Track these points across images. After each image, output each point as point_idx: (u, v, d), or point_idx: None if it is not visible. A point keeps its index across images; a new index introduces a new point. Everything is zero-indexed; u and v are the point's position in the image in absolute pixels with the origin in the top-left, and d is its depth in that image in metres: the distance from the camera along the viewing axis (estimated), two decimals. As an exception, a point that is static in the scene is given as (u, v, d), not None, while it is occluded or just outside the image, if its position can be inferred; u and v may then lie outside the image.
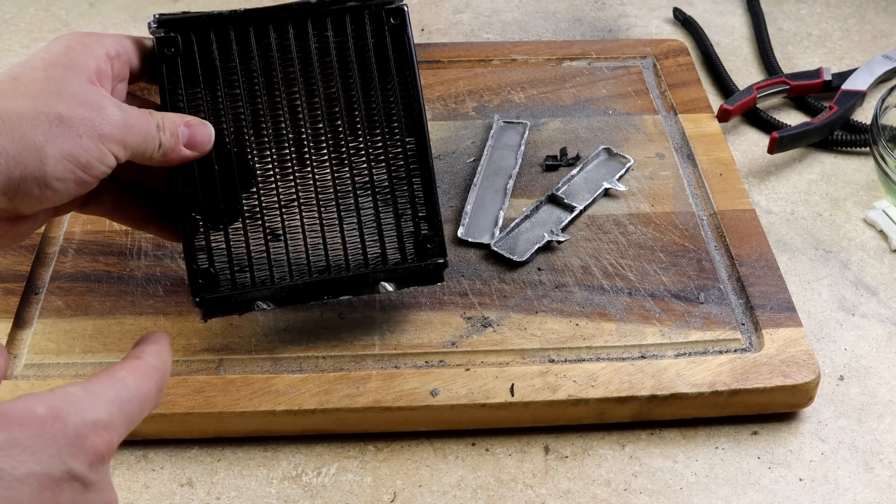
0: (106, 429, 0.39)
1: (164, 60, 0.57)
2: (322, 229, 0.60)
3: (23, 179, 0.47)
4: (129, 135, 0.51)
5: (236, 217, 0.59)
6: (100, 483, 0.38)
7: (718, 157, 0.77)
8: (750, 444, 0.61)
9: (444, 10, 1.00)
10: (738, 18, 1.00)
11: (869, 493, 0.58)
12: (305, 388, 0.59)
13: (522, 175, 0.76)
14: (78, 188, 0.49)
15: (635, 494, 0.58)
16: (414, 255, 0.60)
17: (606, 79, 0.86)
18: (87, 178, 0.49)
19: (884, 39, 0.96)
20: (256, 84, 0.59)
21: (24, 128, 0.47)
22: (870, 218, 0.76)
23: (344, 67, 0.60)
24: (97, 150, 0.49)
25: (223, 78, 0.59)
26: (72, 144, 0.48)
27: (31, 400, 0.38)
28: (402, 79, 0.60)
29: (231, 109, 0.59)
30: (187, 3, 1.00)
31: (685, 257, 0.69)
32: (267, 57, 0.59)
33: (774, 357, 0.62)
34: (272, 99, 0.59)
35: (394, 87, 0.60)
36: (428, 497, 0.57)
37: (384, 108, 0.60)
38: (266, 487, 0.58)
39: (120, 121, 0.50)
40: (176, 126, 0.54)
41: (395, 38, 0.60)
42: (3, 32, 0.96)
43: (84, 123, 0.49)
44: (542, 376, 0.60)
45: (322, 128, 0.59)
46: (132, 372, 0.42)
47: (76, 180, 0.49)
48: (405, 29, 0.60)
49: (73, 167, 0.48)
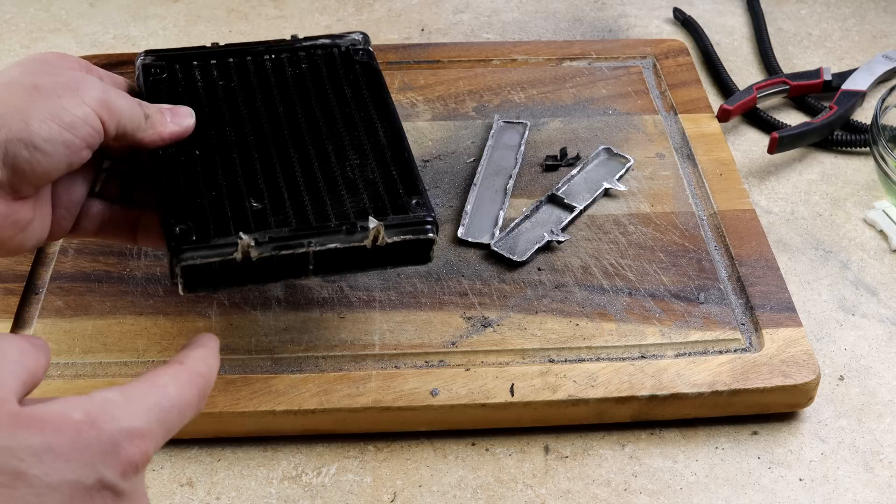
0: (142, 437, 0.37)
1: (149, 81, 0.62)
2: (304, 190, 0.59)
3: (9, 141, 0.47)
4: (112, 98, 0.52)
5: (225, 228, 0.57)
6: (133, 493, 0.37)
7: (718, 157, 0.77)
8: (750, 444, 0.61)
9: (444, 10, 1.00)
10: (738, 18, 1.00)
11: (869, 493, 0.58)
12: (305, 388, 0.59)
13: (522, 175, 0.76)
14: (67, 152, 0.49)
15: (635, 494, 0.58)
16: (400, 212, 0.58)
17: (606, 79, 0.86)
18: (75, 140, 0.49)
19: (884, 39, 0.96)
20: (237, 100, 0.62)
21: (2, 94, 0.48)
22: (870, 218, 0.76)
23: (319, 87, 0.64)
24: (80, 109, 0.50)
25: (205, 95, 0.62)
26: (53, 104, 0.49)
27: (67, 404, 0.37)
28: (373, 94, 0.64)
29: (214, 121, 0.61)
30: (187, 3, 1.00)
31: (685, 257, 0.69)
32: (246, 80, 0.63)
33: (774, 357, 0.62)
34: (252, 112, 0.62)
35: (368, 101, 0.63)
36: (428, 497, 0.57)
37: (360, 116, 0.62)
38: (266, 487, 0.58)
39: (100, 87, 0.52)
40: (157, 106, 0.57)
41: (365, 70, 0.65)
42: (3, 32, 0.96)
43: (63, 87, 0.50)
44: (542, 376, 0.60)
45: (303, 134, 0.61)
46: (174, 378, 0.41)
47: (64, 142, 0.49)
48: (373, 64, 0.66)
49: (58, 127, 0.48)
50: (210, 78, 0.63)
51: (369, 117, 0.63)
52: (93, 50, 0.93)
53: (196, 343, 0.45)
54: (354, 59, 0.66)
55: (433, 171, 0.76)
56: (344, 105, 0.63)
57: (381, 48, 0.89)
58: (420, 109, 0.82)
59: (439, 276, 0.67)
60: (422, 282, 0.67)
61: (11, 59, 0.92)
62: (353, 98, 0.63)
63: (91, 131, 0.50)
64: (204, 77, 0.63)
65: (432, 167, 0.76)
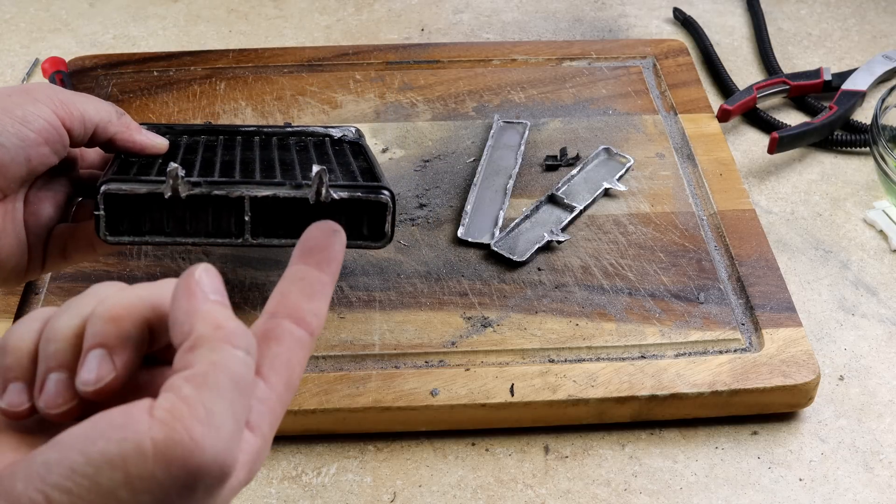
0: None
1: None
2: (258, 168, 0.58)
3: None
4: (69, 97, 0.53)
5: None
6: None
7: (718, 157, 0.77)
8: (750, 444, 0.61)
9: (444, 10, 1.00)
10: (738, 18, 1.00)
11: (869, 493, 0.58)
12: (305, 388, 0.59)
13: (522, 175, 0.76)
14: (23, 145, 0.50)
15: (635, 494, 0.58)
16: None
17: (606, 79, 0.86)
18: (29, 133, 0.50)
19: (884, 39, 0.96)
20: (216, 149, 0.62)
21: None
22: (870, 218, 0.76)
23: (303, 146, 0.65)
24: (33, 105, 0.51)
25: (186, 144, 0.62)
26: (5, 102, 0.50)
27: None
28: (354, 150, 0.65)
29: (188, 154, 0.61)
30: (187, 3, 1.00)
31: (685, 257, 0.69)
32: (231, 142, 0.64)
33: (774, 357, 0.62)
34: (227, 154, 0.62)
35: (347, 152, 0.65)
36: (428, 497, 0.57)
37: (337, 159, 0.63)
38: (266, 487, 0.58)
39: (55, 88, 0.53)
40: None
41: (352, 144, 0.66)
42: (3, 32, 0.96)
43: (15, 92, 0.51)
44: (542, 376, 0.60)
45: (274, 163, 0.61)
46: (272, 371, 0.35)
47: (17, 133, 0.50)
48: (360, 142, 0.67)
49: (10, 119, 0.49)
50: (196, 139, 0.64)
51: (346, 158, 0.63)
52: (93, 50, 0.93)
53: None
54: (344, 141, 0.66)
55: (433, 171, 0.76)
56: (322, 153, 0.63)
57: (381, 48, 0.89)
58: (420, 109, 0.82)
59: (439, 276, 0.67)
60: (422, 282, 0.67)
61: (11, 59, 0.92)
62: (335, 153, 0.63)
63: (46, 125, 0.51)
64: (191, 139, 0.63)
65: (432, 167, 0.76)
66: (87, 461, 0.30)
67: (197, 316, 0.33)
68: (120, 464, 0.30)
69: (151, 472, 0.30)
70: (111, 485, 0.30)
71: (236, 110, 0.81)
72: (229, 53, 0.88)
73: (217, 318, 0.33)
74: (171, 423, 0.30)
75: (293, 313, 0.35)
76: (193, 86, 0.84)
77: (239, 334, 0.33)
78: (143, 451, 0.30)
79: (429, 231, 0.71)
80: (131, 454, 0.30)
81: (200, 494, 0.31)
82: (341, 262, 0.36)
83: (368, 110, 0.82)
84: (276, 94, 0.83)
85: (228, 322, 0.33)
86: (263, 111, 0.81)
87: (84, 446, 0.30)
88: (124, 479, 0.30)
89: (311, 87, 0.84)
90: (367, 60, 0.87)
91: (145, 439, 0.30)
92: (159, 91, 0.83)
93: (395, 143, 0.79)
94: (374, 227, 0.57)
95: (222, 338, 0.32)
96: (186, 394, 0.31)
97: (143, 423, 0.30)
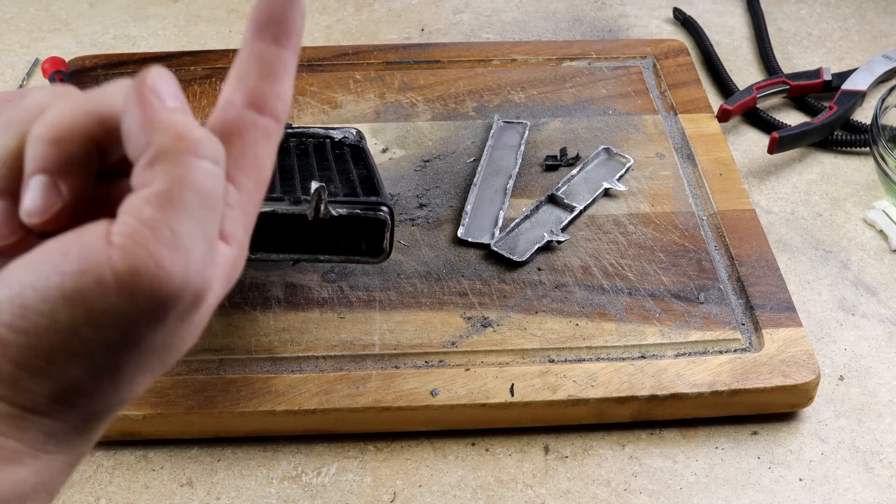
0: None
1: None
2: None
3: None
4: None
5: None
6: None
7: (718, 157, 0.77)
8: (750, 444, 0.61)
9: (444, 10, 1.00)
10: (738, 18, 1.00)
11: (869, 493, 0.58)
12: (305, 388, 0.59)
13: (522, 175, 0.76)
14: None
15: (635, 494, 0.58)
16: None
17: (606, 79, 0.86)
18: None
19: (884, 39, 0.96)
20: None
21: None
22: (870, 218, 0.76)
23: (302, 149, 0.64)
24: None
25: None
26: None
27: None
28: (354, 155, 0.66)
29: None
30: (187, 3, 1.00)
31: (685, 257, 0.69)
32: None
33: (774, 357, 0.62)
34: None
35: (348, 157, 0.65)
36: (428, 497, 0.57)
37: (337, 164, 0.63)
38: (266, 487, 0.58)
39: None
40: None
41: (353, 148, 0.66)
42: (3, 32, 0.96)
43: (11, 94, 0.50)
44: (542, 376, 0.60)
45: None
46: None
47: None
48: (361, 145, 0.67)
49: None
50: None
51: (346, 165, 0.62)
52: (93, 50, 0.93)
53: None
54: (345, 143, 0.66)
55: (433, 171, 0.76)
56: (322, 158, 0.63)
57: (381, 48, 0.89)
58: (420, 109, 0.82)
59: (439, 276, 0.67)
60: (422, 282, 0.67)
61: (11, 60, 0.92)
62: (335, 158, 0.63)
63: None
64: None
65: (432, 167, 0.76)
66: (41, 298, 0.27)
67: (154, 126, 0.28)
68: (79, 299, 0.27)
69: (115, 305, 0.27)
70: (71, 322, 0.27)
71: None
72: (229, 53, 0.88)
73: (177, 126, 0.28)
74: (132, 249, 0.27)
75: (255, 99, 0.31)
76: (193, 86, 0.84)
77: (204, 142, 0.29)
78: (104, 283, 0.27)
79: (429, 231, 0.71)
80: (91, 287, 0.27)
81: (172, 322, 0.28)
82: (302, 34, 0.32)
83: (368, 110, 0.82)
84: (276, 94, 0.83)
85: (191, 130, 0.29)
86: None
87: (36, 281, 0.27)
88: (85, 315, 0.27)
89: (311, 87, 0.84)
90: (367, 60, 0.87)
91: (105, 270, 0.27)
92: (159, 91, 0.83)
93: (395, 143, 0.79)
94: (373, 242, 0.57)
95: (185, 149, 0.28)
96: (148, 215, 0.27)
97: (101, 252, 0.27)
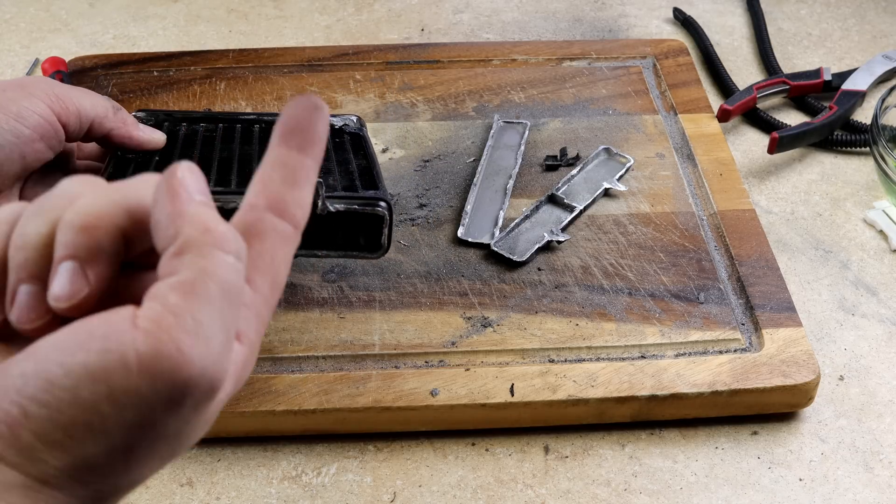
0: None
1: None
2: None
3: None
4: (65, 90, 0.52)
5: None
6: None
7: (718, 157, 0.77)
8: (750, 444, 0.61)
9: (444, 10, 1.00)
10: (738, 18, 1.00)
11: (869, 493, 0.58)
12: (305, 388, 0.59)
13: (522, 175, 0.76)
14: (18, 142, 0.49)
15: (635, 494, 0.58)
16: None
17: (606, 79, 0.86)
18: (24, 130, 0.49)
19: (884, 39, 0.96)
20: (213, 142, 0.63)
21: None
22: (870, 218, 0.76)
23: None
24: (28, 100, 0.49)
25: (185, 137, 0.63)
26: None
27: None
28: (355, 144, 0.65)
29: (186, 148, 0.62)
30: (187, 3, 1.00)
31: (685, 257, 0.69)
32: (230, 133, 0.64)
33: (774, 357, 0.62)
34: (225, 147, 0.62)
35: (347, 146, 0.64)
36: (428, 497, 0.57)
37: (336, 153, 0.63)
38: (266, 487, 0.58)
39: (51, 82, 0.52)
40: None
41: (353, 137, 0.66)
42: (3, 32, 0.96)
43: (10, 86, 0.50)
44: (542, 376, 0.60)
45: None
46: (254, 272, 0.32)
47: (12, 130, 0.49)
48: (362, 133, 0.67)
49: (4, 116, 0.48)
50: (195, 129, 0.64)
51: (345, 154, 0.62)
52: (93, 50, 0.93)
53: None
54: (345, 131, 0.66)
55: (433, 171, 0.76)
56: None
57: (381, 48, 0.89)
58: (420, 109, 0.82)
59: (439, 276, 0.67)
60: (422, 282, 0.67)
61: (11, 59, 0.92)
62: (335, 147, 0.63)
63: (41, 121, 0.50)
64: (189, 128, 0.64)
65: (432, 167, 0.76)
66: (65, 373, 0.28)
67: (183, 218, 0.30)
68: (102, 377, 0.28)
69: (136, 386, 0.28)
70: (92, 399, 0.28)
71: (236, 110, 0.81)
72: (229, 53, 0.88)
73: (205, 220, 0.30)
74: (157, 334, 0.28)
75: (276, 204, 0.32)
76: (193, 86, 0.84)
77: (229, 238, 0.30)
78: (127, 364, 0.28)
79: (429, 231, 0.71)
80: (114, 367, 0.28)
81: (187, 410, 0.29)
82: (325, 143, 0.33)
83: (368, 110, 0.82)
84: (276, 94, 0.83)
85: (217, 225, 0.30)
86: (263, 111, 0.81)
87: (62, 358, 0.28)
88: (107, 392, 0.28)
89: (311, 87, 0.84)
90: (367, 60, 0.87)
91: (129, 351, 0.28)
92: (159, 91, 0.83)
93: (395, 143, 0.79)
94: (371, 237, 0.57)
95: (211, 242, 0.29)
96: (173, 302, 0.28)
97: (127, 334, 0.28)
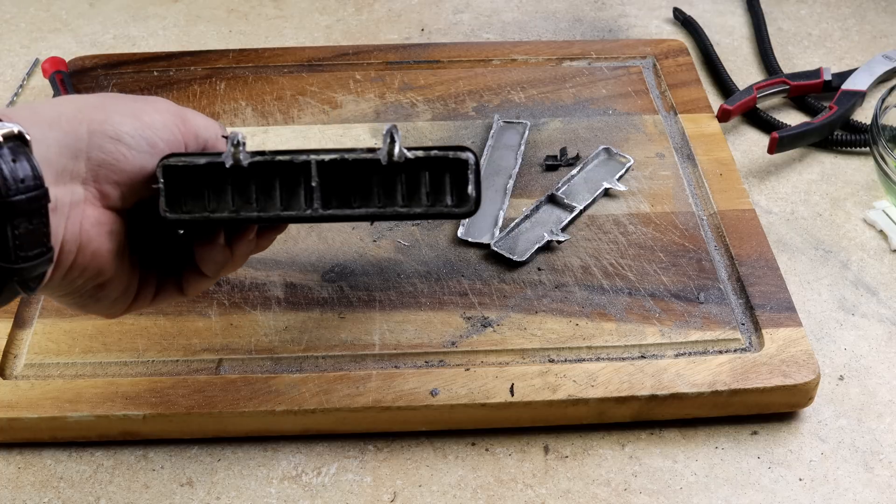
0: None
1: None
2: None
3: (92, 133, 0.46)
4: (183, 109, 0.51)
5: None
6: None
7: (718, 157, 0.77)
8: (750, 444, 0.61)
9: (444, 10, 1.00)
10: (738, 18, 1.00)
11: (869, 493, 0.58)
12: (305, 388, 0.59)
13: (522, 175, 0.76)
14: (150, 150, 0.48)
15: (635, 494, 0.58)
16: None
17: (606, 79, 0.86)
18: (157, 140, 0.48)
19: (884, 39, 0.96)
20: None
21: (75, 101, 0.48)
22: (870, 218, 0.76)
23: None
24: (157, 114, 0.49)
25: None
26: (130, 106, 0.48)
27: None
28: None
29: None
30: (187, 3, 1.00)
31: (685, 257, 0.69)
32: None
33: (774, 357, 0.62)
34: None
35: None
36: (428, 497, 0.57)
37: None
38: (266, 487, 0.58)
39: (169, 102, 0.51)
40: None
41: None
42: (3, 32, 0.96)
43: (134, 100, 0.50)
44: (542, 376, 0.60)
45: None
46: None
47: (146, 139, 0.48)
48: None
49: (139, 124, 0.48)
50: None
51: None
52: (93, 50, 0.93)
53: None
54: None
55: (433, 171, 0.76)
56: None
57: (381, 48, 0.89)
58: (420, 109, 0.82)
59: (439, 276, 0.67)
60: (422, 282, 0.67)
61: (11, 60, 0.92)
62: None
63: (170, 135, 0.49)
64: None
65: (432, 167, 0.76)
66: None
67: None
68: None
69: None
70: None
71: (236, 110, 0.81)
72: (229, 53, 0.88)
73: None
74: None
75: None
76: (193, 86, 0.84)
77: None
78: None
79: (429, 231, 0.71)
80: None
81: None
82: None
83: (368, 110, 0.82)
84: (276, 94, 0.83)
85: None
86: (263, 111, 0.81)
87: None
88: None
89: (311, 87, 0.84)
90: (367, 60, 0.87)
91: None
92: (159, 91, 0.83)
93: (395, 143, 0.78)
94: (458, 191, 0.50)
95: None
96: None
97: None
